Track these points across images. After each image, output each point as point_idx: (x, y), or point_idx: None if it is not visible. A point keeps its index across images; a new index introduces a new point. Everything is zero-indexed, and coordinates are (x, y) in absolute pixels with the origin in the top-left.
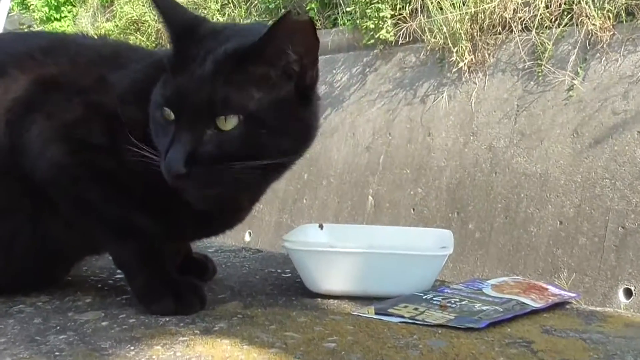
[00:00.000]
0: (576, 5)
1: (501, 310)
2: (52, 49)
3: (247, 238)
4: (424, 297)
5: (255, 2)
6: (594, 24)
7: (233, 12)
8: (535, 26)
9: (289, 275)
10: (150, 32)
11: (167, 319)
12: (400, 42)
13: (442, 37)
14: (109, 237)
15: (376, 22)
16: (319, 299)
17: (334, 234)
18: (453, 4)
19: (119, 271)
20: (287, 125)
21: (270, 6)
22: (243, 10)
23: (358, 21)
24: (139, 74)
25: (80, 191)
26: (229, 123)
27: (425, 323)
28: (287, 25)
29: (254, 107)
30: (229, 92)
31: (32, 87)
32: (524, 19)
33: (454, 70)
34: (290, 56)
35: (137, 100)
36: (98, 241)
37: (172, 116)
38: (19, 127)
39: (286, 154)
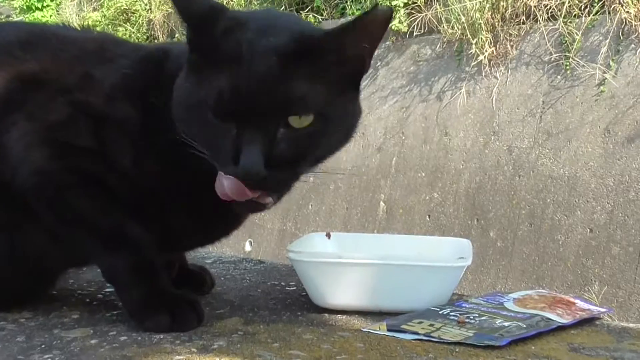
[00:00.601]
0: None
1: (524, 326)
2: (31, 43)
3: (247, 248)
4: (440, 312)
5: None
6: (627, 12)
7: (232, 0)
8: (563, 15)
9: (294, 288)
10: (141, 23)
11: (162, 337)
12: (414, 33)
13: (460, 27)
14: (98, 248)
15: None
16: (326, 315)
17: (343, 243)
18: None
19: (108, 285)
20: (345, 119)
21: None
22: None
23: None
24: (129, 69)
25: (66, 199)
26: (305, 120)
27: (442, 340)
28: (370, 18)
29: (325, 101)
30: (302, 87)
31: (11, 85)
32: (550, 7)
33: (473, 63)
34: (365, 48)
35: (129, 97)
36: (86, 253)
37: (230, 117)
38: None
39: (337, 149)
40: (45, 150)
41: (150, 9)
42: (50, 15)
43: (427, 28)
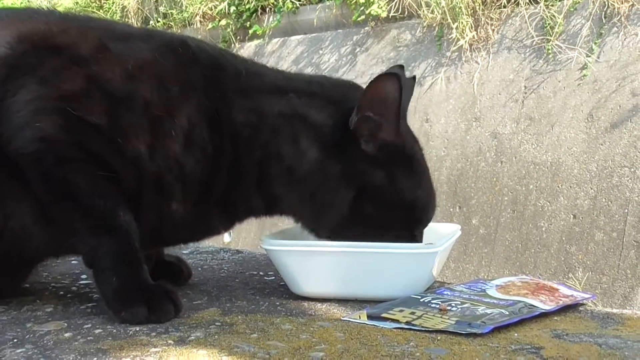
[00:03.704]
0: None
1: (507, 313)
2: (37, 12)
3: (227, 239)
4: (422, 300)
5: None
6: None
7: None
8: None
9: (272, 278)
10: (114, 10)
11: (138, 329)
12: (393, 18)
13: (440, 11)
14: (85, 229)
15: None
16: (305, 304)
17: None
18: None
19: (83, 277)
20: None
21: None
22: None
23: None
24: (158, 52)
25: (64, 173)
26: None
27: (423, 329)
28: None
29: None
30: None
31: (20, 46)
32: None
33: (453, 48)
34: None
35: (156, 80)
36: (70, 233)
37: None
38: None
39: None
40: (55, 119)
41: None
42: (21, 2)
43: (406, 13)
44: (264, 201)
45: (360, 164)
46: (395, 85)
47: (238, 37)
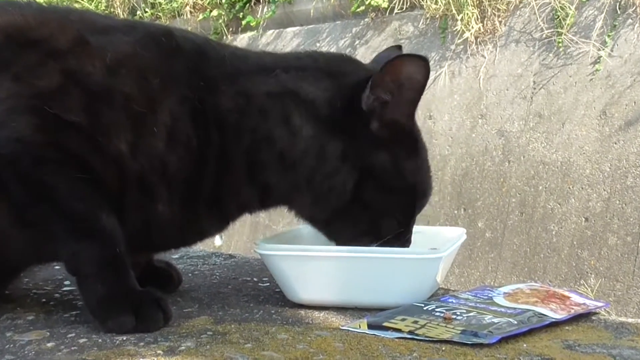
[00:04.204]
0: None
1: (515, 322)
2: (12, 4)
3: (218, 242)
4: (425, 309)
5: None
6: None
7: None
8: None
9: (267, 284)
10: (99, 0)
11: (125, 338)
12: (395, 9)
13: (444, 2)
14: (67, 233)
15: None
16: (302, 312)
17: (321, 236)
18: None
19: (66, 282)
20: None
21: None
22: None
23: None
24: (139, 45)
25: (42, 175)
26: None
27: (427, 338)
28: None
29: None
30: None
31: None
32: None
33: (458, 41)
34: None
35: (139, 73)
36: (51, 238)
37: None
38: None
39: None
40: (30, 118)
41: None
42: None
43: (409, 3)
44: (256, 192)
45: (365, 144)
46: (423, 70)
47: (230, 29)
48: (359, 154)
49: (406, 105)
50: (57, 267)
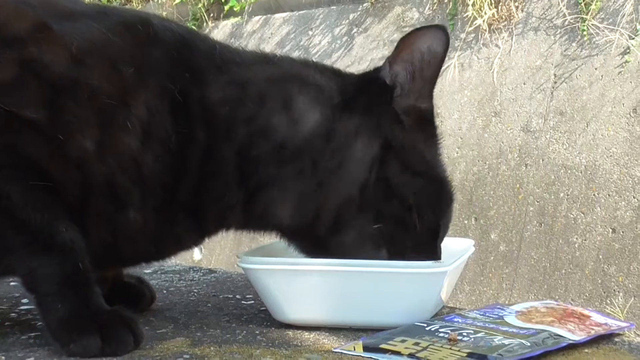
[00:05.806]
0: None
1: (528, 344)
2: None
3: (197, 256)
4: (428, 329)
5: None
6: None
7: None
8: None
9: (251, 302)
10: None
11: None
12: None
13: None
14: (22, 247)
15: None
16: (290, 333)
17: None
18: None
19: (24, 301)
20: None
21: None
22: None
23: None
24: (112, 32)
25: None
26: None
27: None
28: None
29: None
30: None
31: None
32: None
33: (469, 29)
34: None
35: (109, 63)
36: (4, 255)
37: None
38: None
39: None
40: None
41: None
42: None
43: None
44: (241, 200)
45: (383, 121)
46: (442, 40)
47: (211, 15)
48: (376, 129)
49: (426, 82)
50: (13, 283)
